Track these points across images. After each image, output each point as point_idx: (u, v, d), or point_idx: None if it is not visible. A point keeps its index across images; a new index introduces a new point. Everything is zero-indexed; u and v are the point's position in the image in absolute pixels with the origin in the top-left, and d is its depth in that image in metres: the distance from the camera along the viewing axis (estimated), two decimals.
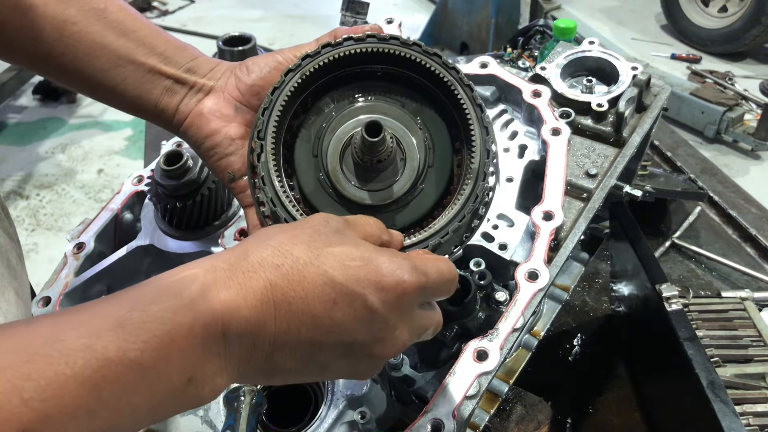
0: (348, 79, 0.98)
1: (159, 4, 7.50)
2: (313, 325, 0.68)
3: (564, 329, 2.00)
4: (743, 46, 5.66)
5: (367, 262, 0.71)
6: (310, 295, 0.67)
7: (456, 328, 1.19)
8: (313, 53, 0.92)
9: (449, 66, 0.92)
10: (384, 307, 0.71)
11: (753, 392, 1.66)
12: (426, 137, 0.96)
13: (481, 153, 0.90)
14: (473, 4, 4.98)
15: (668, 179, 2.46)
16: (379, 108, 0.96)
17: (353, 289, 0.69)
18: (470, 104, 0.91)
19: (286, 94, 0.91)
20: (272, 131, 0.91)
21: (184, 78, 1.01)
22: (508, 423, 1.41)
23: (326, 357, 0.71)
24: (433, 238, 0.88)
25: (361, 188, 0.94)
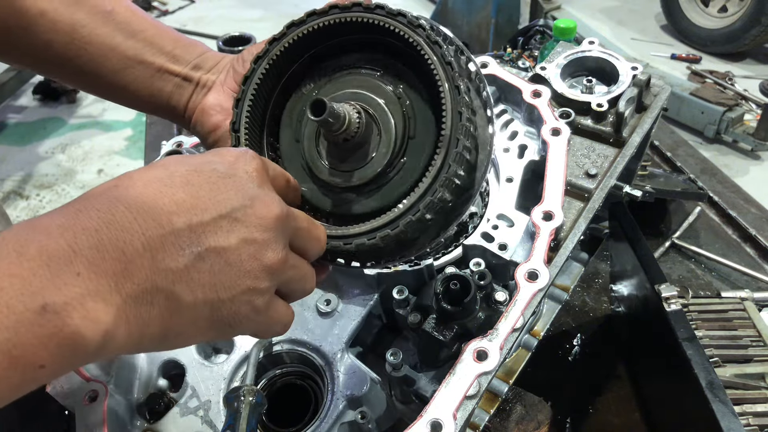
0: (325, 56, 0.95)
1: (159, 4, 7.51)
2: (182, 210, 0.66)
3: (564, 329, 2.00)
4: (743, 46, 5.66)
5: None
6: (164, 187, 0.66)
7: (456, 328, 1.19)
8: (278, 35, 0.91)
9: (414, 25, 0.85)
10: (234, 168, 0.73)
11: (753, 392, 1.66)
12: (406, 107, 0.90)
13: (451, 116, 0.81)
14: (473, 4, 4.98)
15: (668, 179, 2.46)
16: (355, 81, 0.92)
17: (202, 165, 0.71)
18: (437, 62, 0.83)
19: (256, 82, 0.90)
20: (245, 122, 0.90)
21: (191, 75, 1.04)
22: (508, 423, 1.41)
23: (213, 238, 0.67)
24: (404, 216, 0.82)
25: (336, 169, 0.90)
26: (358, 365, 1.24)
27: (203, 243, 0.66)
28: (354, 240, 0.85)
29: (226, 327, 0.71)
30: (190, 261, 0.65)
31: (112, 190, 0.64)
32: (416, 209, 0.82)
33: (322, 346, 1.27)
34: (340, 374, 1.23)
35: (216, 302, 0.68)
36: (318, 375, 1.27)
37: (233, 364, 1.27)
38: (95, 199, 0.62)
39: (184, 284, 0.64)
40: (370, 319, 1.36)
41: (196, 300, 0.66)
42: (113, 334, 0.58)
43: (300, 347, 1.29)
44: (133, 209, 0.62)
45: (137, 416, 1.24)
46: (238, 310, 0.70)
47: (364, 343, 1.39)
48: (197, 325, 0.68)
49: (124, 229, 0.60)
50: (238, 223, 0.70)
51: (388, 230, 0.83)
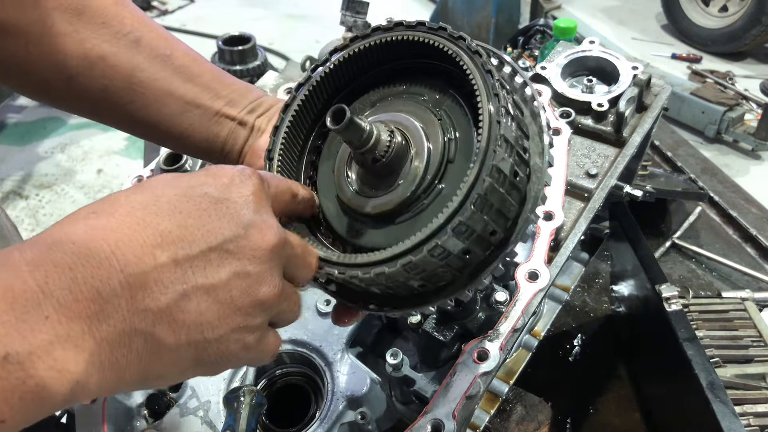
0: (370, 85, 0.92)
1: (159, 4, 7.50)
2: (167, 242, 0.60)
3: (564, 330, 2.00)
4: (744, 45, 5.65)
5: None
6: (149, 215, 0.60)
7: (456, 328, 1.18)
8: (321, 62, 0.88)
9: (455, 37, 0.79)
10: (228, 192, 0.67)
11: (753, 392, 1.66)
12: (446, 128, 0.82)
13: (490, 125, 0.72)
14: (473, 3, 4.97)
15: (668, 179, 2.46)
16: (394, 104, 0.88)
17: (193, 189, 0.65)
18: (476, 71, 0.76)
19: (294, 109, 0.88)
20: (280, 150, 0.86)
21: (247, 119, 1.02)
22: (509, 423, 1.41)
23: (201, 274, 0.62)
24: (430, 241, 0.71)
25: (364, 195, 0.83)
26: (358, 365, 1.24)
27: (189, 280, 0.61)
28: (373, 268, 0.74)
29: (212, 365, 0.66)
30: (173, 300, 0.59)
31: (91, 218, 0.59)
32: (443, 232, 0.70)
33: (322, 346, 1.26)
34: (340, 374, 1.23)
35: (202, 343, 0.62)
36: (318, 375, 1.27)
37: None
38: (71, 229, 0.57)
39: (165, 325, 0.59)
40: (370, 319, 1.36)
41: (179, 342, 0.60)
42: (84, 383, 0.52)
43: (300, 347, 1.28)
44: (112, 242, 0.56)
45: (137, 417, 1.24)
46: (226, 349, 0.65)
47: (364, 343, 1.39)
48: (180, 367, 0.63)
49: (101, 265, 0.55)
50: (229, 256, 0.64)
51: (410, 257, 0.71)
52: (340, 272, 0.77)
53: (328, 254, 0.79)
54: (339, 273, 0.77)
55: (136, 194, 0.63)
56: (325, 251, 0.80)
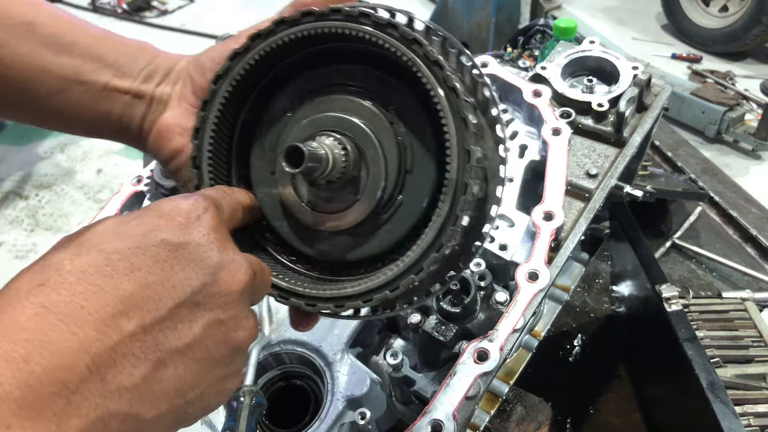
0: (301, 69, 0.80)
1: (158, 4, 7.50)
2: (131, 308, 0.53)
3: (564, 330, 2.00)
4: (744, 45, 5.65)
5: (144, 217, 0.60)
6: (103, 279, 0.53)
7: (456, 328, 1.18)
8: (241, 49, 0.76)
9: (408, 38, 0.70)
10: (187, 234, 0.60)
11: (754, 393, 1.66)
12: (400, 134, 0.76)
13: (458, 157, 0.68)
14: (473, 3, 4.97)
15: (669, 179, 2.46)
16: (338, 103, 0.78)
17: (147, 238, 0.57)
18: (438, 88, 0.69)
19: (218, 108, 0.76)
20: (208, 156, 0.77)
21: (142, 90, 0.86)
22: (509, 423, 1.41)
23: (174, 335, 0.55)
24: (405, 276, 0.70)
25: (319, 210, 0.77)
26: (358, 366, 1.24)
27: (162, 345, 0.54)
28: (347, 303, 0.73)
29: (191, 421, 0.60)
30: (149, 371, 0.53)
31: (37, 294, 0.50)
32: (418, 267, 0.70)
33: (322, 346, 1.26)
34: (340, 375, 1.23)
35: (183, 406, 0.57)
36: (318, 375, 1.26)
37: None
38: (17, 313, 0.49)
39: (143, 400, 0.52)
40: (371, 320, 1.36)
41: (160, 413, 0.54)
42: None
43: (300, 348, 1.28)
44: (68, 320, 0.49)
45: None
46: (207, 404, 0.61)
47: (364, 343, 1.39)
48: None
49: (62, 351, 0.47)
50: (200, 308, 0.58)
51: (386, 292, 0.71)
52: (308, 304, 0.74)
53: (292, 285, 0.75)
54: (307, 305, 0.74)
55: (81, 256, 0.54)
56: (286, 280, 0.75)
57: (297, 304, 0.74)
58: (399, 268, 0.71)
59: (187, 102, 0.84)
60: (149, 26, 7.14)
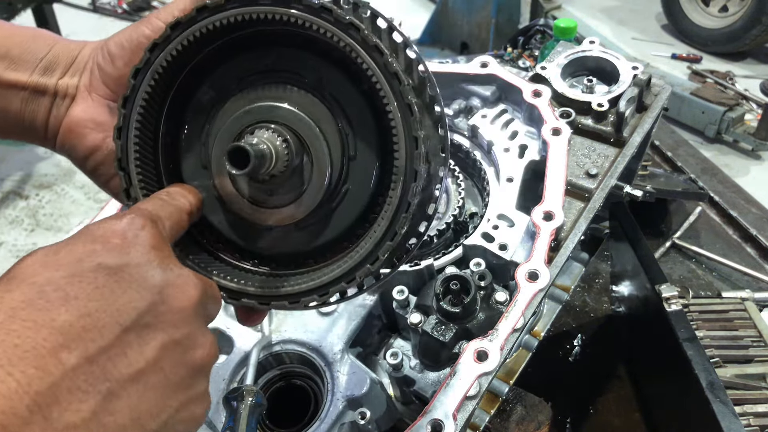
0: (227, 56, 0.75)
1: (158, 4, 7.51)
2: (71, 339, 0.48)
3: (564, 330, 2.00)
4: (744, 45, 5.66)
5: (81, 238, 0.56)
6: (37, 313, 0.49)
7: (456, 328, 1.18)
8: (160, 39, 0.71)
9: (344, 23, 0.66)
10: (125, 255, 0.56)
11: (753, 393, 1.66)
12: (341, 119, 0.73)
13: (406, 143, 0.67)
14: (473, 3, 4.97)
15: (669, 179, 2.46)
16: (272, 92, 0.73)
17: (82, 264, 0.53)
18: (380, 74, 0.67)
19: (141, 104, 0.71)
20: (135, 156, 0.71)
21: (43, 84, 0.77)
22: (509, 423, 1.41)
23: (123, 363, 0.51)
24: (361, 267, 0.70)
25: (261, 205, 0.74)
26: (358, 365, 1.24)
27: (111, 375, 0.50)
28: (302, 298, 0.72)
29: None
30: (98, 404, 0.48)
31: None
32: (374, 257, 0.69)
33: (322, 346, 1.26)
34: (340, 375, 1.23)
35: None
36: (318, 375, 1.26)
37: (233, 364, 1.26)
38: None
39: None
40: (370, 319, 1.36)
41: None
42: None
43: (300, 347, 1.28)
44: (4, 362, 0.45)
45: None
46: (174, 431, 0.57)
47: (364, 343, 1.39)
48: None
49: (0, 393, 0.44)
50: (150, 330, 0.54)
51: (343, 284, 0.70)
52: (261, 303, 0.72)
53: (241, 286, 0.72)
54: (260, 304, 0.72)
55: (11, 291, 0.50)
56: (236, 280, 0.73)
57: (249, 305, 0.72)
58: (354, 260, 0.70)
59: (97, 93, 0.77)
60: None
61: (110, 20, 7.24)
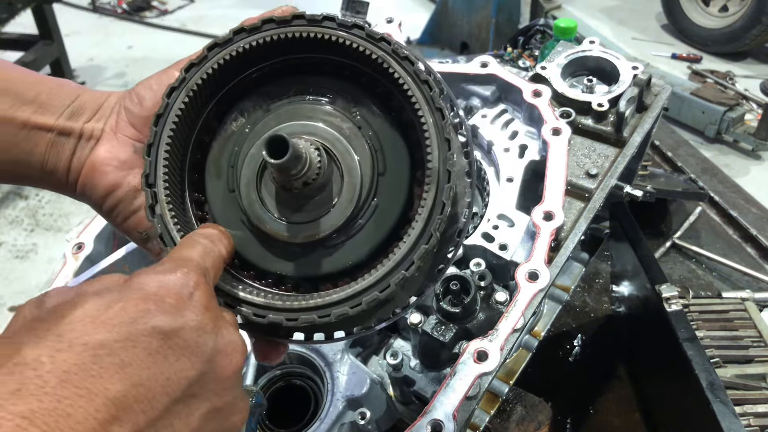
0: (256, 82, 0.78)
1: (158, 4, 7.50)
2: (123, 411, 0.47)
3: (564, 330, 2.00)
4: (744, 45, 5.66)
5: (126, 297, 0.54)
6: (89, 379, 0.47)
7: (456, 328, 1.18)
8: (197, 59, 0.72)
9: (376, 38, 0.70)
10: (180, 317, 0.54)
11: (754, 393, 1.66)
12: (370, 138, 0.75)
13: (438, 145, 0.69)
14: (473, 3, 4.97)
15: (669, 179, 2.46)
16: (301, 111, 0.75)
17: (136, 326, 0.51)
18: (411, 82, 0.70)
19: (173, 121, 0.71)
20: (164, 173, 0.71)
21: (69, 127, 0.79)
22: (509, 423, 1.41)
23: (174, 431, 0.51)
24: (395, 273, 0.67)
25: (289, 221, 0.73)
26: (358, 365, 1.24)
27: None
28: (333, 310, 0.68)
29: None
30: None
31: (15, 400, 0.43)
32: (409, 261, 0.67)
33: (322, 346, 1.26)
34: (340, 375, 1.23)
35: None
36: (318, 375, 1.26)
37: None
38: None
39: None
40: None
41: None
42: None
43: (300, 348, 1.28)
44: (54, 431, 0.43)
45: None
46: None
47: (364, 343, 1.39)
48: None
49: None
50: (196, 400, 0.53)
51: (376, 293, 0.67)
52: (289, 319, 0.68)
53: (268, 300, 0.70)
54: (288, 320, 0.68)
55: (62, 352, 0.47)
56: (262, 295, 0.71)
57: (277, 321, 0.69)
58: (387, 266, 0.67)
59: (123, 134, 0.79)
60: (149, 26, 7.14)
61: (110, 20, 7.24)
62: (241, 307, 0.69)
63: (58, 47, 5.23)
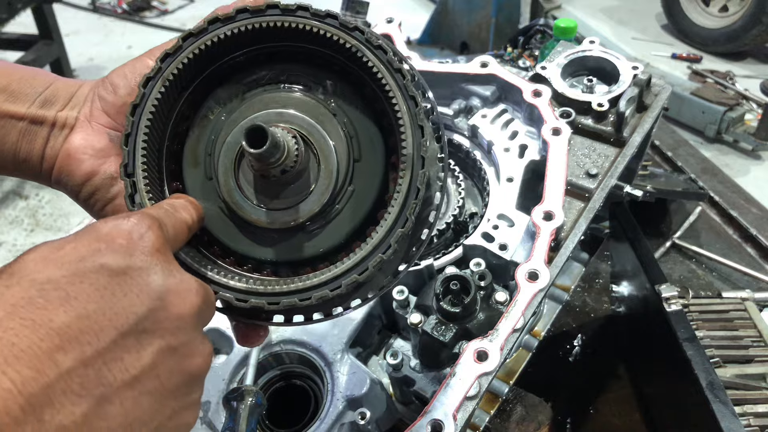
0: (233, 71, 0.79)
1: (158, 4, 7.50)
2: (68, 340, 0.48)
3: (564, 330, 2.00)
4: (744, 45, 5.66)
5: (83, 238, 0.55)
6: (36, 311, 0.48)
7: (456, 328, 1.18)
8: (172, 49, 0.73)
9: (349, 27, 0.72)
10: (128, 257, 0.55)
11: (753, 393, 1.65)
12: (345, 125, 0.77)
13: (412, 132, 0.71)
14: (473, 3, 4.97)
15: (669, 179, 2.46)
16: (276, 99, 0.77)
17: (85, 263, 0.53)
18: (385, 70, 0.72)
19: (150, 110, 0.72)
20: (142, 162, 0.71)
21: (41, 115, 0.79)
22: (509, 423, 1.41)
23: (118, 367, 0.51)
24: (372, 256, 0.70)
25: (268, 207, 0.74)
26: (358, 365, 1.24)
27: (106, 379, 0.50)
28: (313, 293, 0.70)
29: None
30: (91, 408, 0.48)
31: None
32: (386, 245, 0.70)
33: (322, 346, 1.26)
34: (340, 375, 1.23)
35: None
36: (318, 375, 1.26)
37: (233, 364, 1.26)
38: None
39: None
40: (370, 319, 1.36)
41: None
42: None
43: (300, 348, 1.28)
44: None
45: None
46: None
47: (364, 343, 1.39)
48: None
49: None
50: (148, 335, 0.54)
51: (355, 275, 0.70)
52: (271, 303, 0.70)
53: (249, 285, 0.71)
54: (270, 304, 0.70)
55: (11, 287, 0.50)
56: (243, 280, 0.72)
57: (259, 305, 0.70)
58: (365, 249, 0.70)
59: (97, 122, 0.79)
60: (149, 26, 7.14)
61: (110, 20, 7.24)
62: (223, 291, 0.70)
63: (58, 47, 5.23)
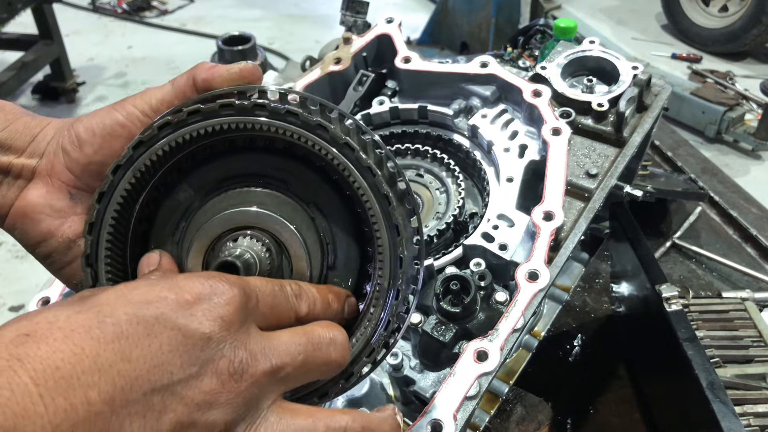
0: (209, 156, 0.74)
1: (158, 4, 7.50)
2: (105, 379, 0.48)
3: (564, 330, 2.00)
4: (744, 45, 5.66)
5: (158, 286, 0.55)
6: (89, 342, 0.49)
7: (456, 328, 1.18)
8: (146, 138, 0.68)
9: (340, 142, 0.67)
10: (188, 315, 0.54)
11: (754, 393, 1.65)
12: (323, 230, 0.74)
13: (390, 265, 0.68)
14: (473, 3, 4.97)
15: (669, 179, 2.46)
16: (252, 196, 0.73)
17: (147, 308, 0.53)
18: (371, 195, 0.68)
19: (118, 201, 0.68)
20: (106, 255, 0.68)
21: (20, 165, 0.73)
22: (509, 423, 1.41)
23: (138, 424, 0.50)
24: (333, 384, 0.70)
25: None
26: None
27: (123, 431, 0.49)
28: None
29: None
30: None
31: (19, 344, 0.47)
32: (348, 372, 0.70)
33: None
34: None
35: None
36: None
37: None
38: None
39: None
40: None
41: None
42: None
43: None
44: (41, 382, 0.45)
45: None
46: None
47: None
48: None
49: (26, 413, 0.44)
50: (174, 400, 0.52)
51: (315, 399, 0.70)
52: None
53: None
54: None
55: (80, 313, 0.51)
56: None
57: None
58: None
59: (58, 179, 0.73)
60: (149, 26, 7.14)
61: (110, 20, 7.24)
62: None
63: (58, 47, 5.24)
